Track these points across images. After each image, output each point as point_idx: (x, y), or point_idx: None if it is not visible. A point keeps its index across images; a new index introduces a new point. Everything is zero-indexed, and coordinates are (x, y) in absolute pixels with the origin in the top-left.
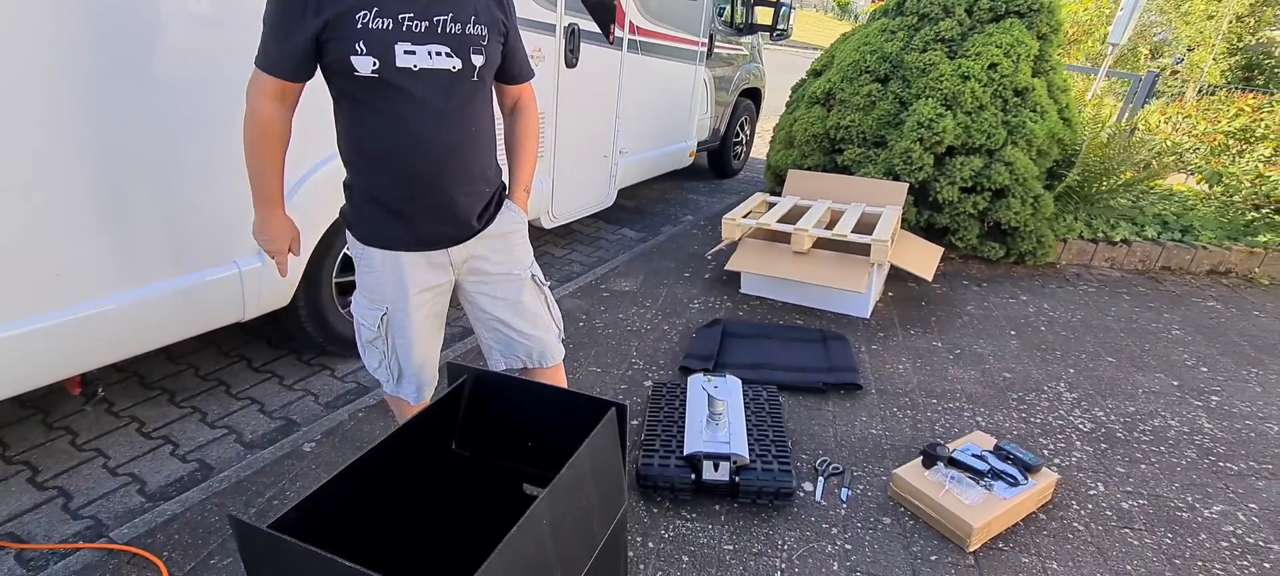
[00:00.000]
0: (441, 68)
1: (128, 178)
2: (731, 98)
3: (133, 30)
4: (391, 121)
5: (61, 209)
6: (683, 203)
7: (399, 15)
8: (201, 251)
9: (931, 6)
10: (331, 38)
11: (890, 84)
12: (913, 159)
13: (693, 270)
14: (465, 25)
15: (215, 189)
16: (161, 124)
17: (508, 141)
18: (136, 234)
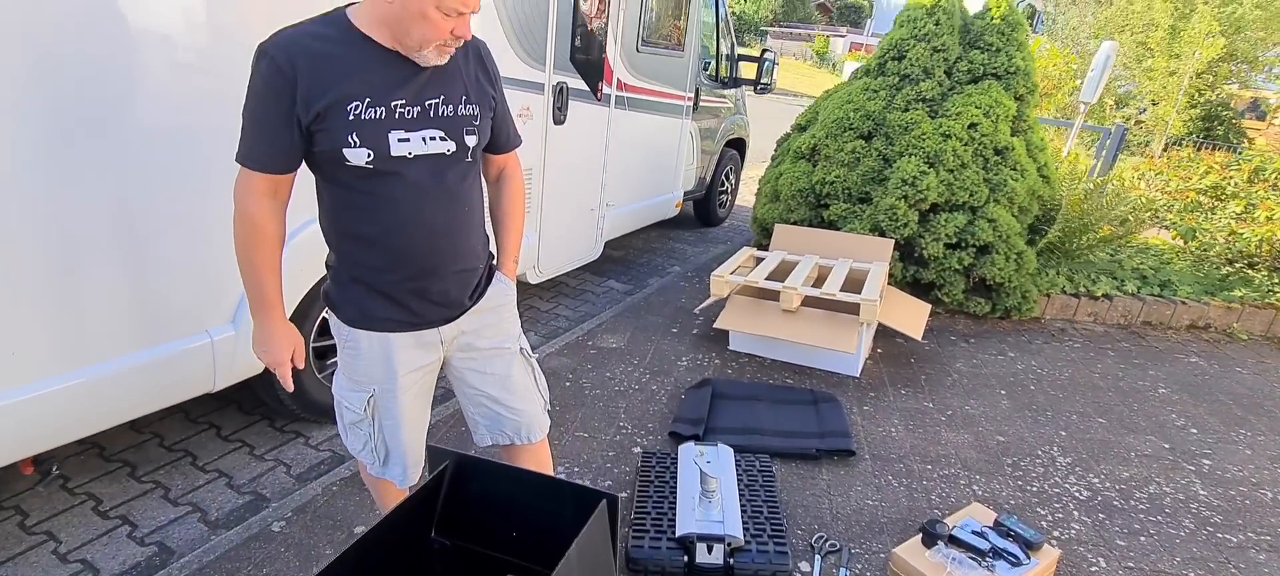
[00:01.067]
0: (435, 152)
1: (90, 245)
2: (717, 147)
3: (94, 83)
4: (383, 205)
5: (15, 282)
6: (669, 252)
7: (392, 102)
8: (171, 321)
9: (912, 68)
10: (322, 129)
11: (874, 141)
12: (898, 215)
13: (681, 325)
14: (457, 106)
15: (187, 254)
16: (128, 186)
17: (494, 211)
18: (100, 306)
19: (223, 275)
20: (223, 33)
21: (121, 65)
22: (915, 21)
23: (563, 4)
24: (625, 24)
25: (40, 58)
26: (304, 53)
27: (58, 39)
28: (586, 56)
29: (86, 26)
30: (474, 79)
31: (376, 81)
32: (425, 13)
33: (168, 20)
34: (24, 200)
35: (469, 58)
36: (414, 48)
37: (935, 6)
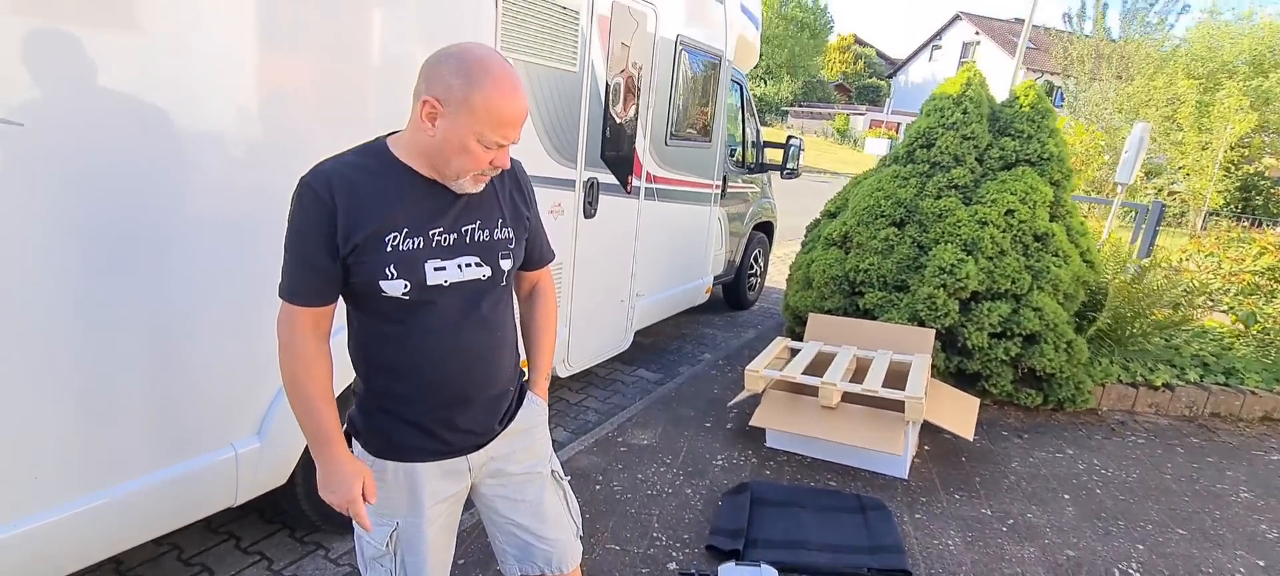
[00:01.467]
0: (471, 278)
1: (119, 360)
2: (745, 230)
3: (127, 196)
4: (416, 336)
5: (41, 401)
6: (699, 338)
7: (429, 231)
8: (196, 436)
9: (942, 155)
10: (359, 261)
11: (907, 228)
12: (937, 304)
13: (714, 419)
14: (493, 231)
15: (215, 366)
16: (159, 298)
17: (526, 328)
18: (126, 423)
19: (250, 385)
20: (257, 147)
21: (156, 179)
22: (943, 110)
23: (594, 104)
24: (654, 119)
25: (75, 168)
26: (344, 184)
27: (93, 151)
28: (616, 152)
29: (122, 138)
30: (510, 201)
31: (415, 211)
32: (466, 145)
33: (200, 134)
34: (54, 315)
35: (505, 179)
36: (451, 177)
37: (962, 95)
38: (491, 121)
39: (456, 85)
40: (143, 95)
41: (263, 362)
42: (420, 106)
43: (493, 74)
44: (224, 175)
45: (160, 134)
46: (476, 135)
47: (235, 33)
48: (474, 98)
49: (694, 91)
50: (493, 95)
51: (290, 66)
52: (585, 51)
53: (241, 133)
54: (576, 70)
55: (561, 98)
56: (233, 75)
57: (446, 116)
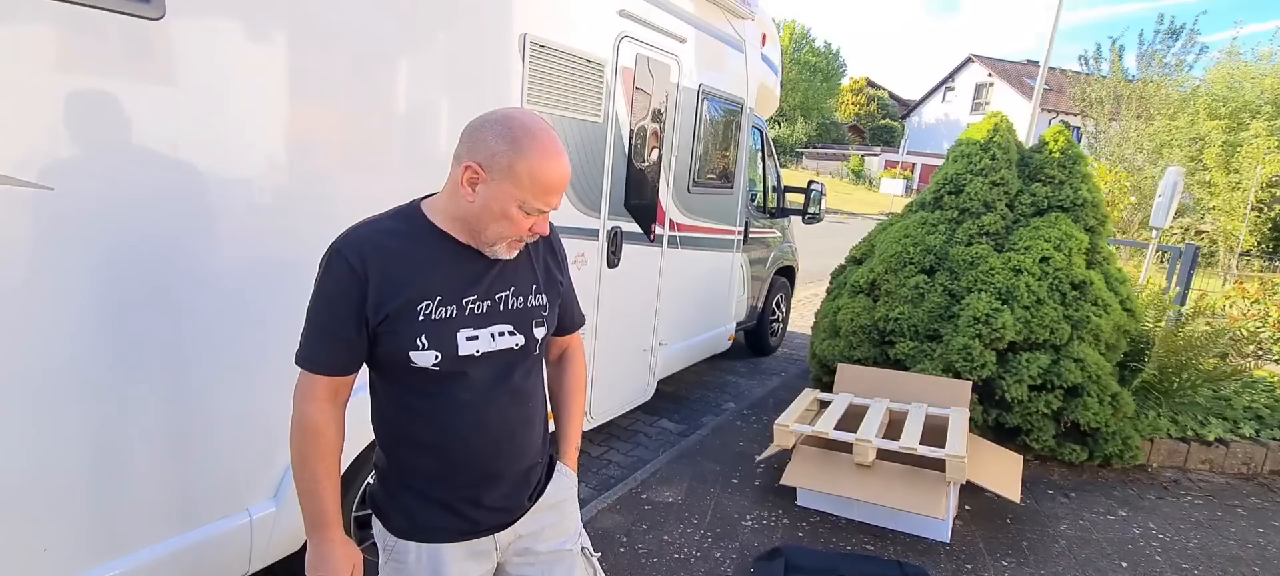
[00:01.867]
0: (503, 348)
1: (134, 425)
2: (767, 275)
3: (145, 258)
4: (444, 410)
5: (54, 469)
6: (722, 386)
7: (463, 299)
8: (212, 501)
9: (971, 201)
10: (390, 332)
11: (937, 276)
12: (973, 355)
13: (741, 474)
14: (527, 297)
15: (231, 427)
16: (176, 360)
17: (555, 394)
18: (141, 490)
19: (266, 447)
20: (281, 207)
21: (176, 240)
22: (970, 156)
23: (618, 153)
24: (677, 167)
25: (98, 232)
26: (377, 251)
27: (115, 215)
28: (640, 201)
29: (144, 202)
30: (543, 266)
31: (450, 278)
32: (507, 212)
33: (223, 194)
34: (70, 380)
35: (539, 243)
36: (487, 243)
37: (990, 141)
38: (535, 189)
39: (501, 151)
40: (166, 157)
41: (280, 423)
42: (461, 172)
43: (539, 141)
44: (245, 236)
45: (182, 196)
46: (519, 202)
47: (265, 90)
48: (518, 165)
49: (716, 139)
50: (537, 163)
51: (318, 123)
52: (610, 102)
53: (265, 192)
54: (601, 120)
55: (586, 148)
56: (260, 135)
57: (488, 183)
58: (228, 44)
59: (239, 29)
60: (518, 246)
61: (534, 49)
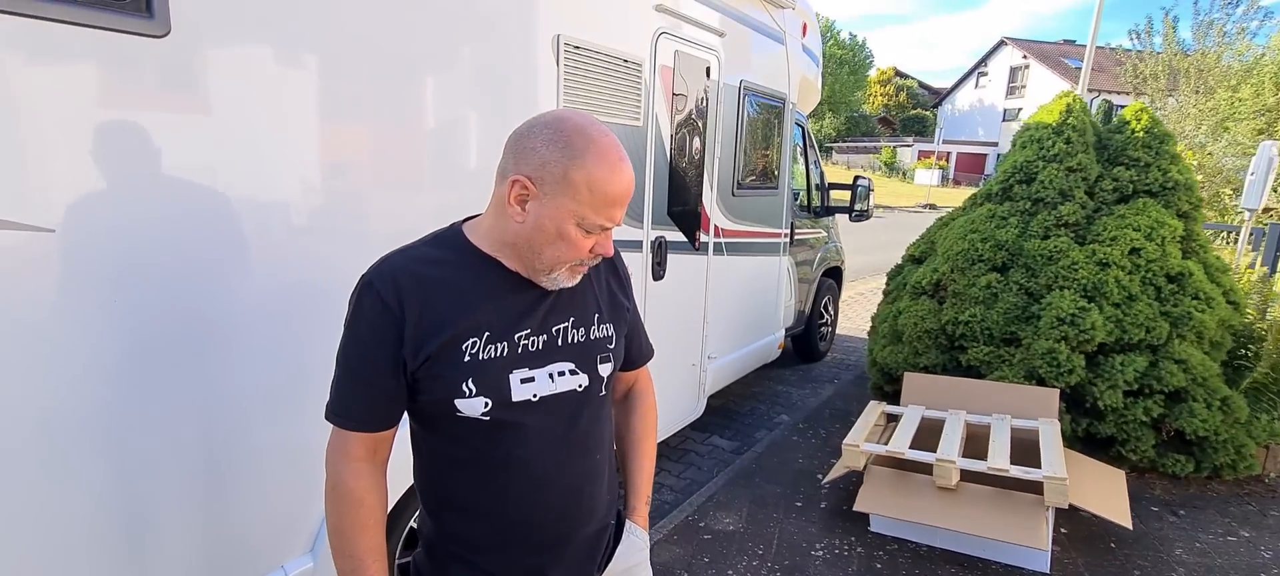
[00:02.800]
0: (566, 390)
1: (167, 482)
2: (814, 277)
3: (157, 297)
4: (498, 469)
5: (79, 532)
6: (773, 397)
7: (515, 334)
8: (247, 560)
9: (1045, 191)
10: (432, 376)
11: (1011, 273)
12: (1059, 360)
13: (805, 496)
14: (590, 328)
15: (265, 481)
16: (213, 411)
17: (622, 438)
18: (173, 551)
19: (303, 500)
20: (310, 237)
21: (189, 278)
22: (1041, 141)
23: (659, 158)
24: (721, 170)
25: (111, 276)
26: (414, 282)
27: (130, 256)
28: (683, 207)
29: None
30: (607, 291)
31: (499, 311)
32: (563, 231)
33: (238, 227)
34: (90, 435)
35: (600, 266)
36: (544, 271)
37: (1063, 124)
38: (596, 202)
39: (553, 160)
40: (177, 187)
41: (315, 471)
42: (508, 188)
43: (597, 144)
44: (266, 268)
45: (196, 228)
46: (577, 219)
47: (283, 108)
48: (574, 174)
49: (759, 138)
50: (597, 169)
51: (340, 141)
52: (649, 103)
53: (286, 219)
54: (640, 123)
55: (627, 154)
56: (279, 157)
57: (540, 198)
58: (241, 60)
59: (252, 44)
60: (581, 271)
61: (568, 50)
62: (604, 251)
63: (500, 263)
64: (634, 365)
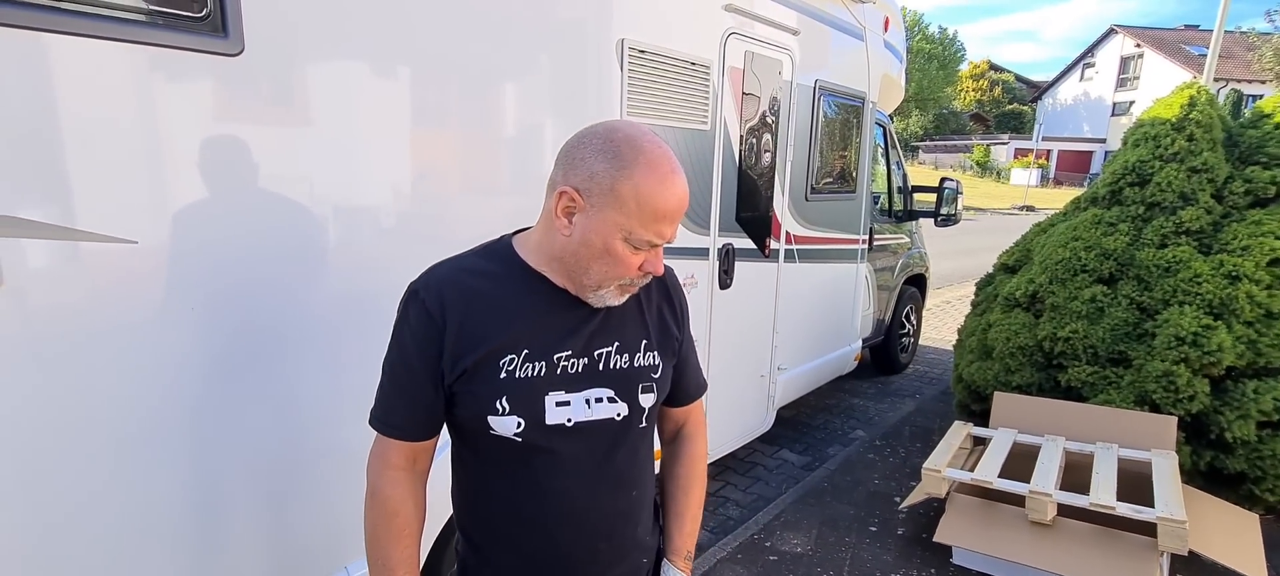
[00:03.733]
0: (602, 418)
1: (230, 487)
2: (895, 284)
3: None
4: (527, 494)
5: (152, 535)
6: (848, 410)
7: (554, 355)
8: (310, 564)
9: (1162, 194)
10: (467, 391)
11: (1120, 286)
12: (1177, 384)
13: (880, 520)
14: (635, 355)
15: (329, 484)
16: (266, 414)
17: (667, 480)
18: (242, 556)
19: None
20: (367, 248)
21: (264, 285)
22: (1158, 139)
23: (727, 163)
24: (793, 174)
25: (180, 282)
26: (458, 293)
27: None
28: (753, 213)
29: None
30: (657, 317)
31: (540, 329)
32: (610, 246)
33: (309, 236)
34: (162, 440)
35: (652, 288)
36: (591, 288)
37: (1184, 119)
38: (644, 216)
39: (601, 171)
40: (255, 198)
41: None
42: (555, 200)
43: (646, 155)
44: (342, 280)
45: (270, 237)
46: (624, 233)
47: (352, 121)
48: (622, 186)
49: (835, 139)
50: (646, 182)
51: (409, 151)
52: (717, 107)
53: (354, 230)
54: (708, 128)
55: (693, 159)
56: (350, 168)
57: (587, 211)
58: (309, 76)
59: (322, 60)
60: (630, 291)
61: (632, 55)
62: (653, 270)
63: (547, 278)
64: (682, 401)
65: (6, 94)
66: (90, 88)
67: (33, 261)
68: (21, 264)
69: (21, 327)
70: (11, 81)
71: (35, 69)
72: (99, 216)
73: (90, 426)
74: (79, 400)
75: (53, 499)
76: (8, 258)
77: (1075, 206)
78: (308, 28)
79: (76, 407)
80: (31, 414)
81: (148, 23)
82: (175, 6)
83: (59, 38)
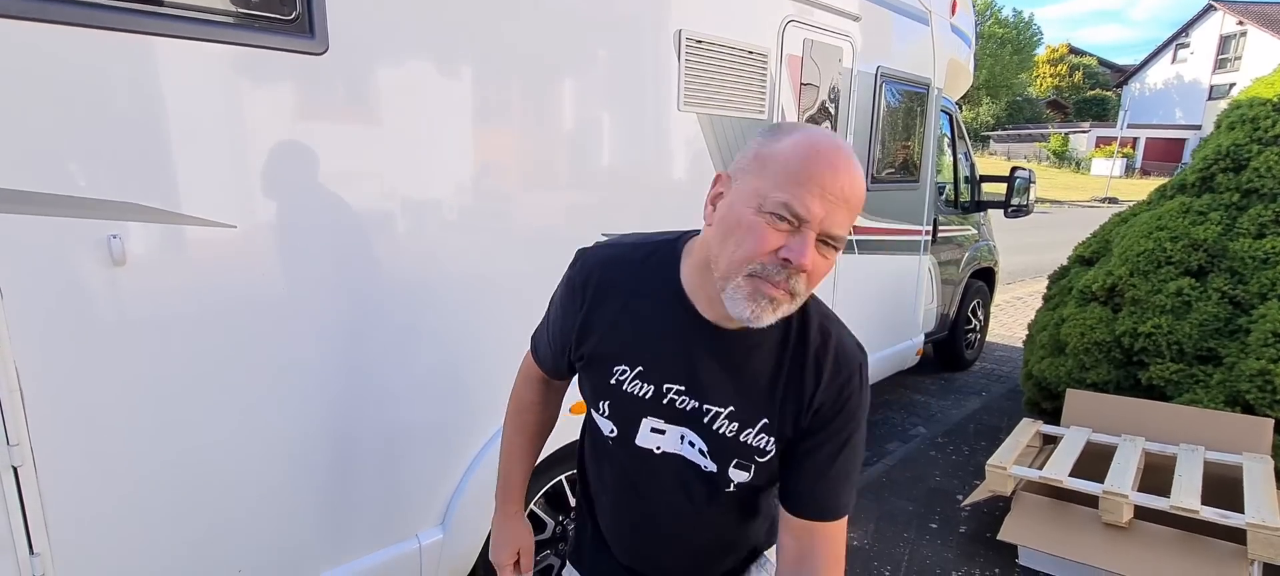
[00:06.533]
0: (690, 464)
1: (310, 458)
2: (961, 278)
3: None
4: (610, 480)
5: (245, 496)
6: (909, 406)
7: (665, 384)
8: (383, 529)
9: (1261, 180)
10: (584, 372)
11: (1211, 279)
12: (1275, 384)
13: (941, 518)
14: (746, 431)
15: (403, 452)
16: (347, 389)
17: None
18: (320, 519)
19: (436, 472)
20: (446, 232)
21: (349, 267)
22: (1256, 121)
23: None
24: None
25: (273, 264)
26: (606, 282)
27: (289, 247)
28: None
29: (317, 232)
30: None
31: (662, 355)
32: (743, 218)
33: (390, 221)
34: (253, 407)
35: (800, 366)
36: (723, 280)
37: None
38: (783, 176)
39: (753, 145)
40: (339, 186)
41: (448, 447)
42: (709, 191)
43: (807, 132)
44: (421, 266)
45: (355, 222)
46: (759, 198)
47: (429, 115)
48: (767, 150)
49: (897, 127)
50: (796, 145)
51: (481, 142)
52: (774, 95)
53: (434, 214)
54: (765, 117)
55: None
56: (426, 158)
57: (730, 188)
58: (391, 74)
59: (401, 59)
60: (764, 294)
61: (690, 45)
62: (799, 260)
63: (693, 306)
64: (798, 510)
65: (127, 94)
66: (195, 86)
67: (149, 244)
68: (142, 246)
69: (142, 301)
70: (129, 82)
71: (148, 70)
72: (203, 203)
73: (199, 379)
74: (189, 358)
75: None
76: (131, 240)
77: (1161, 195)
78: (385, 28)
79: (187, 364)
80: (154, 367)
81: (244, 25)
82: (269, 10)
83: (166, 41)
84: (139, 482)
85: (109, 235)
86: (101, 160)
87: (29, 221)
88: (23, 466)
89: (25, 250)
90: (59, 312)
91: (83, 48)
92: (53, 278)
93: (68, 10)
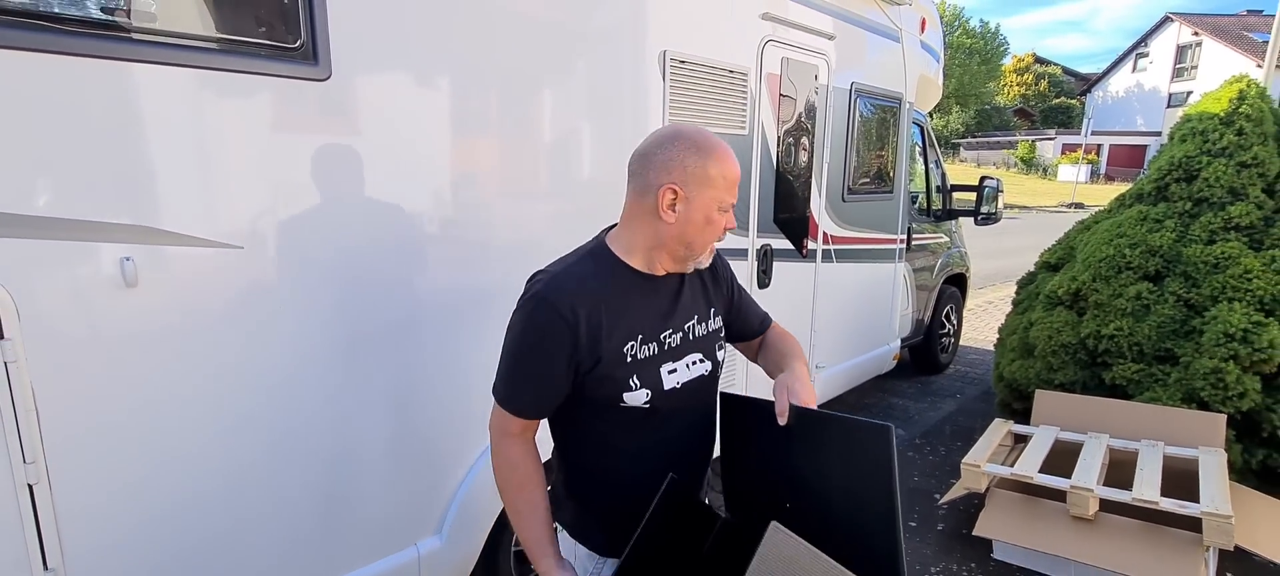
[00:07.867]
0: (697, 376)
1: (310, 471)
2: (935, 284)
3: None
4: (648, 447)
5: (245, 509)
6: (887, 410)
7: (660, 334)
8: (382, 538)
9: (1210, 189)
10: (604, 376)
11: (1167, 283)
12: (1227, 381)
13: (920, 516)
14: (707, 322)
15: (402, 462)
16: (345, 401)
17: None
18: (321, 529)
19: (433, 481)
20: (442, 247)
21: (350, 286)
22: (1206, 134)
23: (765, 166)
24: (830, 175)
25: (279, 284)
26: (588, 299)
27: (294, 266)
28: (790, 215)
29: (321, 251)
30: (704, 290)
31: (646, 315)
32: (710, 217)
33: (389, 240)
34: (252, 422)
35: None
36: (695, 255)
37: (1233, 113)
38: (727, 186)
39: (694, 164)
40: (342, 206)
41: (445, 456)
42: (659, 197)
43: (712, 142)
44: (419, 279)
45: (356, 241)
46: (718, 204)
47: (427, 134)
48: (711, 168)
49: (871, 140)
50: (723, 160)
51: (477, 159)
52: (754, 111)
53: (431, 231)
54: (746, 132)
55: None
56: (424, 176)
57: (687, 198)
58: (389, 96)
59: (399, 81)
60: (712, 252)
61: (674, 65)
62: (731, 225)
63: (639, 271)
64: (753, 334)
65: (140, 121)
66: (205, 112)
67: (160, 266)
68: (153, 268)
69: (153, 321)
70: (142, 110)
71: (162, 99)
72: (212, 226)
73: (206, 396)
74: (197, 376)
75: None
76: (143, 263)
77: (1120, 203)
78: (381, 54)
79: (195, 382)
80: (164, 385)
81: (252, 54)
82: (275, 39)
83: (179, 71)
84: (147, 499)
85: (122, 258)
86: (115, 185)
87: (46, 245)
88: (38, 484)
89: (42, 273)
90: (74, 333)
91: (100, 78)
92: (68, 299)
93: (88, 43)
